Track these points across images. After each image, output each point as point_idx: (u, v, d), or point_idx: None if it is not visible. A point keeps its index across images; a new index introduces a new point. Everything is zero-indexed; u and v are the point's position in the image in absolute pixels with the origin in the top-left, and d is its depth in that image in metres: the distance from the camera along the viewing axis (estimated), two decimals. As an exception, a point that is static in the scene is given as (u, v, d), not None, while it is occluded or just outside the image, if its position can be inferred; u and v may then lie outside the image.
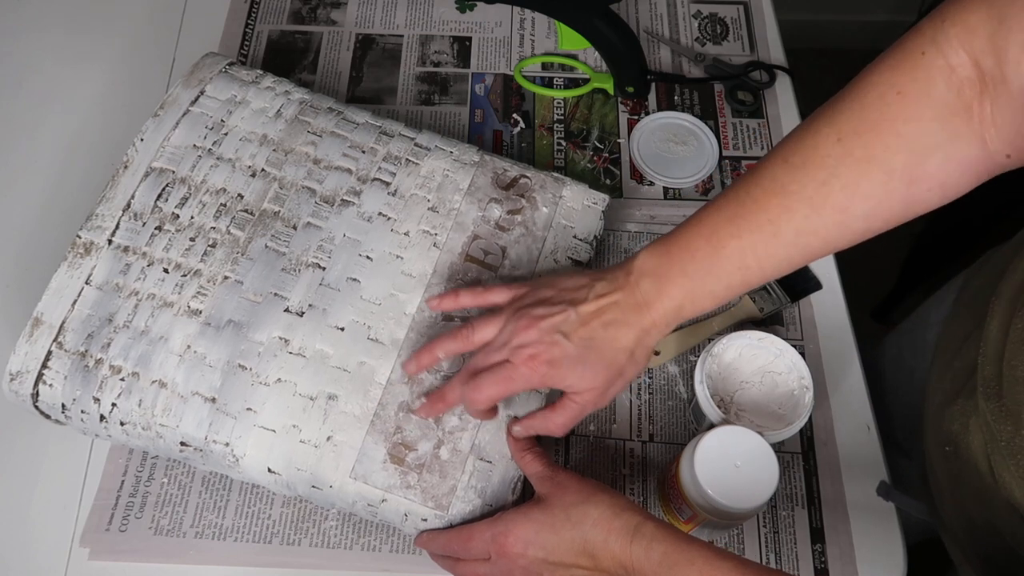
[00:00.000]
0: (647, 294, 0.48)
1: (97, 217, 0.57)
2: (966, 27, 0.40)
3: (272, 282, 0.56)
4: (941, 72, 0.41)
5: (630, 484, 0.60)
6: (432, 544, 0.52)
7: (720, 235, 0.47)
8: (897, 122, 0.42)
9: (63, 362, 0.53)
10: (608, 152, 0.75)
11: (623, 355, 0.49)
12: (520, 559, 0.47)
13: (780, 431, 0.55)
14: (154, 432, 0.53)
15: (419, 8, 0.84)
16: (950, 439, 0.50)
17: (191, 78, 0.63)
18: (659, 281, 0.48)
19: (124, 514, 0.58)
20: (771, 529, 0.59)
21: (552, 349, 0.48)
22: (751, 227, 0.46)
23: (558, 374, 0.48)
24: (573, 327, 0.48)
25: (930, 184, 0.43)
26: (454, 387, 0.52)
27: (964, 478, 0.49)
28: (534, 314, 0.49)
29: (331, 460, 0.52)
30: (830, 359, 0.65)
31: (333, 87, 0.78)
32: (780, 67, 0.79)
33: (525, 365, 0.48)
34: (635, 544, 0.45)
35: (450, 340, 0.52)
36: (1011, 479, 0.44)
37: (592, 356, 0.48)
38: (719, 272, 0.47)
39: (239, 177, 0.59)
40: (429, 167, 0.62)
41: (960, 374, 0.52)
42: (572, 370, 0.48)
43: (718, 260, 0.47)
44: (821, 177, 0.44)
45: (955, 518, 0.53)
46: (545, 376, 0.48)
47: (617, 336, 0.48)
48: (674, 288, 0.48)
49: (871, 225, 0.45)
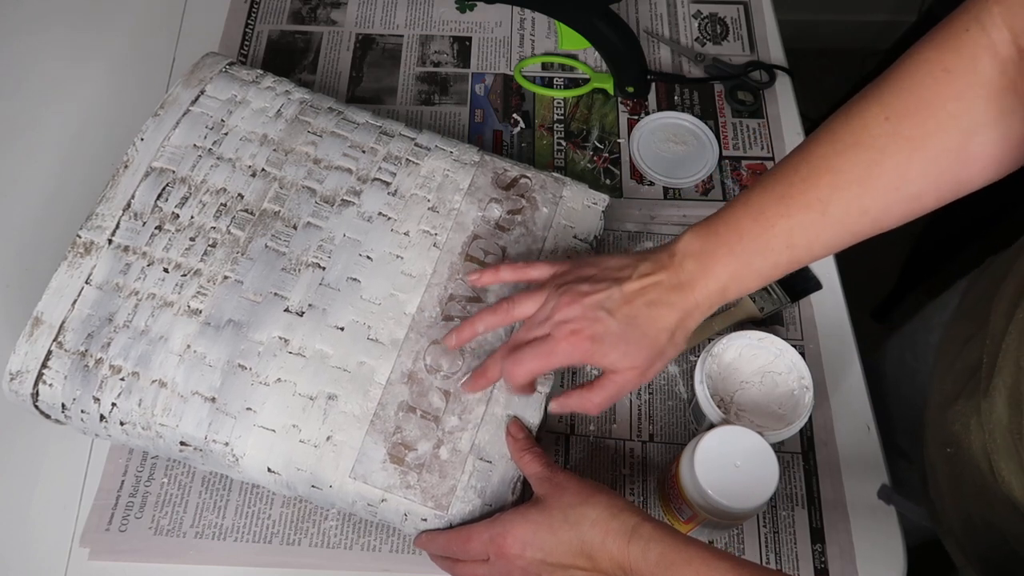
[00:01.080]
0: (691, 274, 0.48)
1: (97, 217, 0.57)
2: (1008, 6, 0.41)
3: (272, 282, 0.56)
4: (986, 50, 0.41)
5: (630, 484, 0.60)
6: (431, 545, 0.52)
7: (768, 214, 0.46)
8: (948, 101, 0.42)
9: (63, 362, 0.53)
10: (608, 152, 0.75)
11: (664, 335, 0.48)
12: (518, 560, 0.47)
13: (780, 431, 0.55)
14: (154, 432, 0.53)
15: (419, 8, 0.84)
16: (951, 440, 0.50)
17: (191, 78, 0.63)
18: (704, 261, 0.48)
19: (124, 514, 0.58)
20: (771, 529, 0.59)
21: (595, 325, 0.47)
22: (800, 206, 0.45)
23: (600, 350, 0.48)
24: (616, 304, 0.48)
25: (983, 162, 0.43)
26: (495, 361, 0.51)
27: (965, 478, 0.49)
28: (578, 290, 0.49)
29: (331, 460, 0.52)
30: (830, 359, 0.65)
31: (333, 87, 0.78)
32: (780, 67, 0.79)
33: (567, 340, 0.48)
34: (632, 545, 0.45)
35: (490, 314, 0.52)
36: (1011, 476, 0.44)
37: (635, 334, 0.48)
38: (766, 251, 0.47)
39: (239, 177, 0.59)
40: (429, 167, 0.62)
41: (961, 375, 0.52)
42: (615, 347, 0.48)
43: (766, 239, 0.46)
44: (871, 157, 0.44)
45: (955, 519, 0.53)
46: (587, 352, 0.48)
47: (660, 316, 0.48)
48: (719, 268, 0.47)
49: (923, 204, 0.45)
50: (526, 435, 0.54)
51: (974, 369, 0.49)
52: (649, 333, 0.48)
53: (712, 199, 0.72)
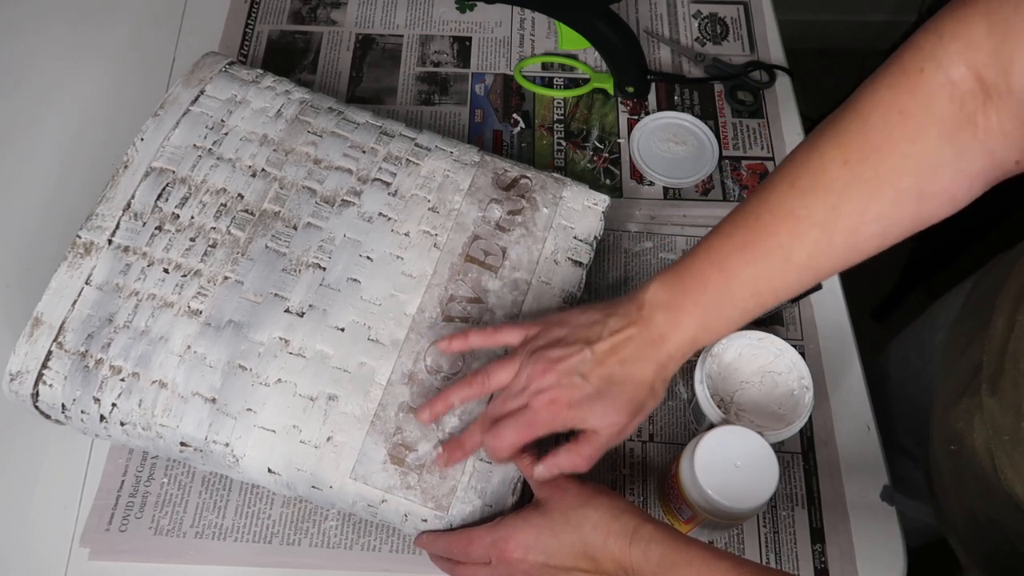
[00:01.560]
0: (661, 327, 0.48)
1: (97, 217, 0.57)
2: (967, 42, 0.40)
3: (272, 282, 0.56)
4: (942, 88, 0.41)
5: (630, 484, 0.60)
6: (432, 546, 0.52)
7: (731, 263, 0.47)
8: (903, 142, 0.42)
9: (63, 362, 0.53)
10: (608, 152, 0.75)
11: (643, 390, 0.49)
12: (521, 564, 0.48)
13: (780, 431, 0.55)
14: (154, 432, 0.53)
15: (419, 8, 0.84)
16: (955, 437, 0.51)
17: (191, 77, 0.63)
18: (672, 313, 0.48)
19: (124, 514, 0.58)
20: (771, 529, 0.59)
21: (571, 392, 0.48)
22: (762, 253, 0.46)
23: (579, 415, 0.48)
24: (590, 367, 0.48)
25: (940, 199, 0.43)
26: (473, 433, 0.51)
27: (968, 475, 0.50)
28: (550, 357, 0.49)
29: (331, 460, 0.52)
30: (830, 359, 0.65)
31: (333, 87, 0.78)
32: (780, 67, 0.79)
33: (546, 409, 0.48)
34: (634, 546, 0.45)
35: (466, 387, 0.52)
36: (1013, 475, 0.44)
37: (612, 392, 0.48)
38: (733, 300, 0.47)
39: (239, 177, 0.59)
40: (429, 167, 0.62)
41: (965, 373, 0.52)
42: (592, 409, 0.48)
43: (731, 289, 0.47)
44: (831, 201, 0.44)
45: (959, 517, 0.53)
46: (567, 419, 0.48)
47: (635, 372, 0.48)
48: (688, 320, 0.48)
49: (883, 242, 0.45)
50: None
51: (978, 367, 0.49)
52: (627, 390, 0.48)
53: (712, 199, 0.72)
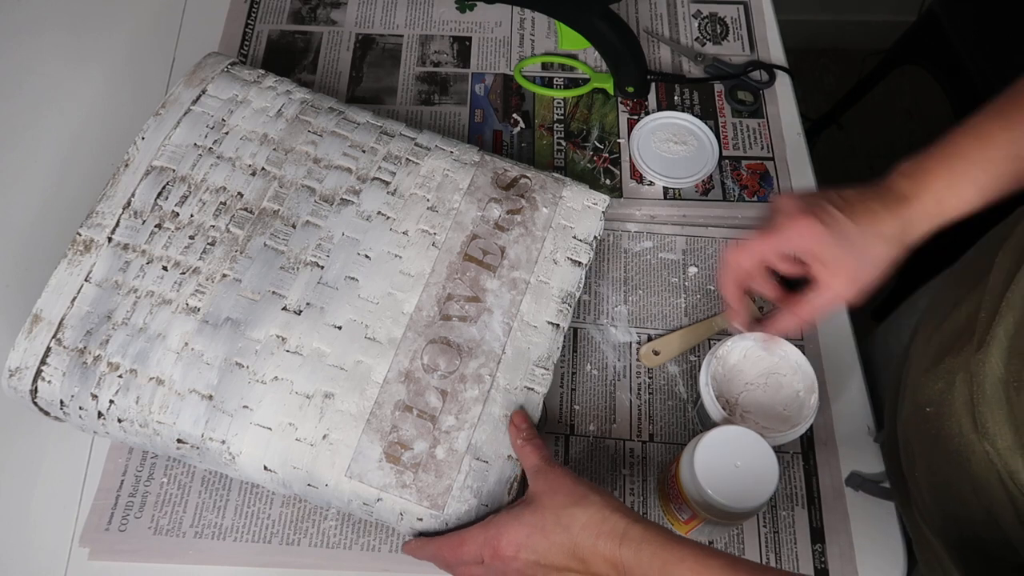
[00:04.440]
0: (904, 189, 0.48)
1: (97, 215, 0.57)
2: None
3: (270, 280, 0.56)
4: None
5: (630, 484, 0.60)
6: (421, 552, 0.52)
7: (987, 127, 0.47)
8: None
9: (62, 358, 0.53)
10: (608, 152, 0.75)
11: (880, 241, 0.49)
12: (513, 562, 0.47)
13: (785, 433, 0.55)
14: (151, 429, 0.53)
15: (419, 8, 0.84)
16: (932, 399, 0.51)
17: (193, 77, 0.63)
18: (916, 179, 0.48)
19: (124, 514, 0.58)
20: (771, 529, 0.59)
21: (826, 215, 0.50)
22: (1022, 118, 0.46)
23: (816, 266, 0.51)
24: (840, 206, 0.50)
25: None
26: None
27: (942, 438, 0.50)
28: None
29: (327, 458, 0.52)
30: (830, 359, 0.65)
31: (333, 87, 0.78)
32: (780, 67, 0.79)
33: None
34: (624, 547, 0.44)
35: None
36: (996, 428, 0.44)
37: (856, 245, 0.49)
38: (986, 162, 0.47)
39: (239, 176, 0.59)
40: (429, 167, 0.62)
41: (949, 336, 0.52)
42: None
43: (984, 151, 0.46)
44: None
45: (925, 487, 0.53)
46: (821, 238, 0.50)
47: (878, 223, 0.49)
48: (934, 181, 0.47)
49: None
50: (529, 426, 0.53)
51: (962, 329, 0.49)
52: (869, 250, 0.49)
53: (712, 199, 0.72)
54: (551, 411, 0.63)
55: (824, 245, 0.49)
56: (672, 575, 0.43)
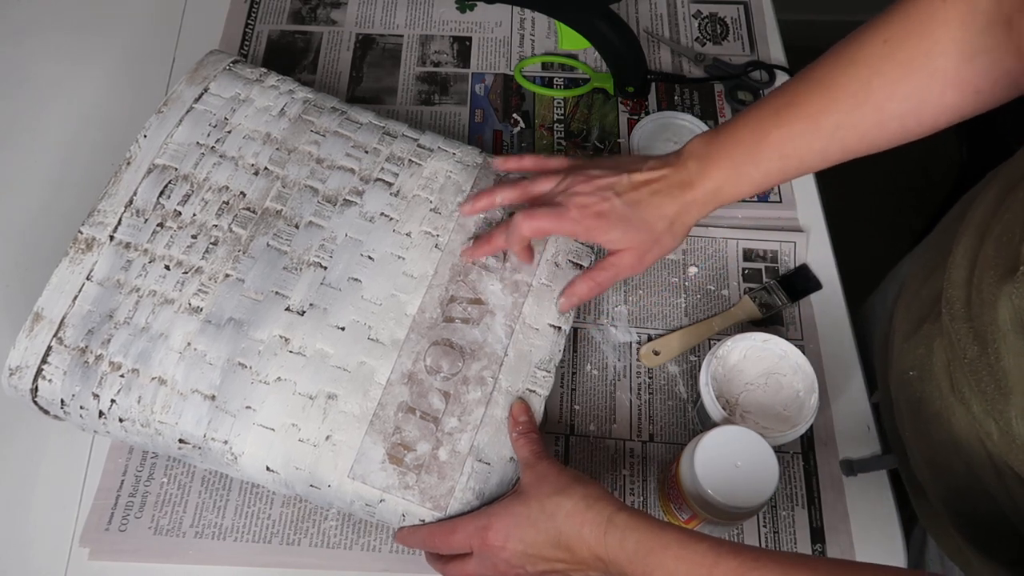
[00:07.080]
0: (692, 173, 0.53)
1: (99, 213, 0.57)
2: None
3: (273, 281, 0.56)
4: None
5: (630, 484, 0.60)
6: (411, 538, 0.52)
7: (764, 125, 0.51)
8: (941, 27, 0.45)
9: (63, 358, 0.53)
10: (608, 152, 0.75)
11: (663, 223, 0.54)
12: (502, 552, 0.48)
13: (785, 433, 0.55)
14: (153, 429, 0.53)
15: (419, 8, 0.84)
16: (914, 363, 0.52)
17: (195, 75, 0.63)
18: (704, 163, 0.53)
19: (124, 514, 0.58)
20: (771, 529, 0.59)
21: (602, 203, 0.53)
22: (793, 118, 0.50)
23: (603, 226, 0.53)
24: (624, 189, 0.54)
25: (967, 89, 0.46)
26: (500, 232, 0.56)
27: (925, 401, 0.51)
28: (590, 173, 0.55)
29: (329, 459, 0.52)
30: (830, 359, 0.65)
31: (333, 87, 0.78)
32: (780, 67, 0.79)
33: (576, 210, 0.53)
34: (609, 535, 0.45)
35: (509, 188, 0.57)
36: (971, 394, 0.46)
37: (636, 217, 0.53)
38: (759, 159, 0.52)
39: (242, 175, 0.59)
40: (432, 168, 0.62)
41: (927, 301, 0.54)
42: (615, 226, 0.53)
43: (760, 148, 0.51)
44: (864, 75, 0.48)
45: (916, 448, 0.54)
46: (590, 228, 0.53)
47: (661, 204, 0.54)
48: (716, 170, 0.53)
49: (906, 125, 0.48)
50: (528, 419, 0.54)
51: (938, 296, 0.50)
52: (649, 218, 0.54)
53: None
54: (551, 411, 0.63)
55: (600, 233, 0.54)
56: (657, 561, 0.43)
